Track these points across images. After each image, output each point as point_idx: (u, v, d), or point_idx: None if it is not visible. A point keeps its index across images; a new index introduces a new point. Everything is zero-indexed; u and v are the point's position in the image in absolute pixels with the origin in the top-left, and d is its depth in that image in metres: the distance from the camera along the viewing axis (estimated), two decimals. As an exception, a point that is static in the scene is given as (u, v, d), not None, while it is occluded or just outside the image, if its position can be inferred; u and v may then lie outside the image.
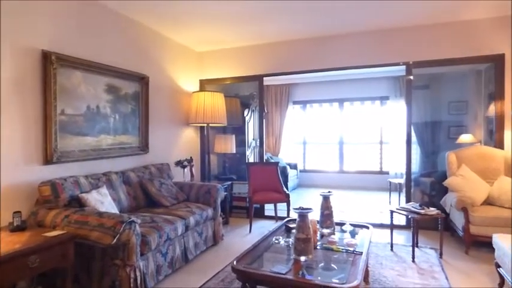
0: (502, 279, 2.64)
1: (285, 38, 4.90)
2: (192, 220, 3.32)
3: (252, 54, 5.20)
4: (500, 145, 4.06)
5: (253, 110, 6.10)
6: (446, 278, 2.91)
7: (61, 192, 2.70)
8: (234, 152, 5.71)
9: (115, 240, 2.31)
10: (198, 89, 5.41)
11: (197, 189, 3.95)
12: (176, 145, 4.88)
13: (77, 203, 2.77)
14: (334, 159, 8.33)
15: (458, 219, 3.68)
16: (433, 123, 7.03)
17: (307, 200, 6.62)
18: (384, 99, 7.68)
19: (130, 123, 3.91)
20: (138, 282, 2.46)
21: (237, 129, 5.98)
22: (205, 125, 4.88)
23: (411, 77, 4.53)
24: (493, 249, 2.69)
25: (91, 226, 2.42)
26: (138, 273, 2.47)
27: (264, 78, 5.28)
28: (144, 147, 4.10)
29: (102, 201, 2.82)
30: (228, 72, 5.36)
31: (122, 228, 2.34)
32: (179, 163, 4.47)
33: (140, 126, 4.05)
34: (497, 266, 2.67)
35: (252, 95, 6.01)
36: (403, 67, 4.52)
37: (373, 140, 8.00)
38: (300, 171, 8.37)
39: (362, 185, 7.83)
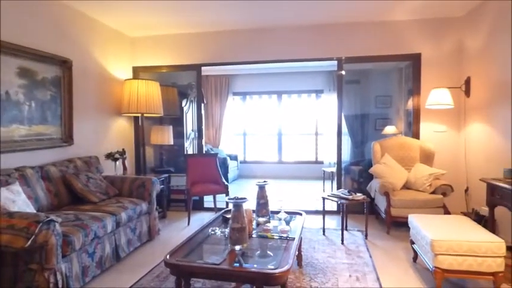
0: (416, 254, 2.97)
1: (224, 28, 4.83)
2: (124, 216, 3.13)
3: (189, 43, 5.03)
4: (416, 135, 4.53)
5: (192, 101, 5.95)
6: (370, 256, 3.19)
7: (-40, 191, 2.33)
8: (172, 143, 5.52)
9: (29, 242, 2.07)
10: (131, 76, 5.08)
11: (130, 183, 3.73)
12: (107, 136, 4.55)
13: (-18, 203, 2.42)
14: (273, 150, 8.55)
15: (381, 203, 4.04)
16: (362, 115, 7.60)
17: (247, 190, 6.70)
18: (319, 92, 8.07)
19: (50, 111, 3.52)
20: (60, 286, 2.25)
21: (175, 120, 5.78)
22: (139, 115, 4.61)
23: (343, 72, 4.80)
24: (410, 228, 3.01)
25: (-1, 228, 2.13)
26: (59, 277, 2.25)
27: (203, 68, 5.17)
28: (67, 138, 3.73)
29: (14, 199, 2.50)
30: (164, 60, 5.12)
31: (37, 229, 2.09)
32: (110, 156, 4.18)
33: (62, 115, 3.67)
34: (412, 242, 3.00)
35: (191, 85, 5.85)
36: (336, 62, 4.76)
37: (309, 132, 8.38)
38: (241, 162, 8.44)
39: (299, 174, 8.18)
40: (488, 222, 3.13)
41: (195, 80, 5.23)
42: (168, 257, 2.10)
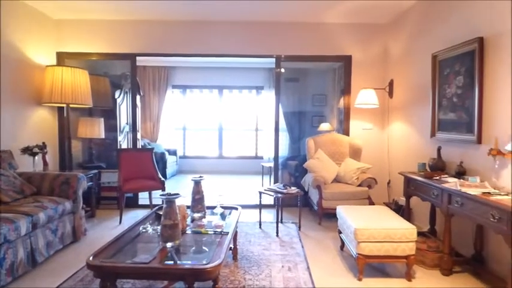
0: (343, 242, 3.18)
1: (162, 17, 4.62)
2: (42, 216, 2.83)
3: (124, 30, 4.72)
4: (347, 132, 4.85)
5: (127, 92, 5.59)
6: (302, 246, 3.34)
7: None
8: (103, 137, 5.14)
9: None
10: (54, 62, 4.60)
11: (51, 180, 3.39)
12: (23, 128, 4.05)
13: None
14: (214, 145, 8.48)
15: (314, 196, 4.25)
16: (300, 112, 7.91)
17: (186, 185, 6.55)
18: (259, 88, 8.19)
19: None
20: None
21: (107, 112, 5.39)
22: (64, 105, 4.21)
23: (282, 70, 4.93)
24: (338, 219, 3.21)
25: None
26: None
27: (139, 58, 4.90)
28: (-27, 130, 3.25)
29: None
30: (94, 47, 4.73)
31: None
32: (27, 150, 3.74)
33: (-34, 103, 3.19)
34: (339, 232, 3.21)
35: (125, 75, 5.50)
36: (275, 60, 4.86)
37: (249, 127, 8.47)
38: (180, 157, 8.22)
39: (240, 169, 8.24)
40: (405, 211, 3.48)
41: (130, 70, 4.93)
42: (91, 258, 1.95)
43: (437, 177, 2.90)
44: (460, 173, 2.89)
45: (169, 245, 2.17)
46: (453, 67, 3.12)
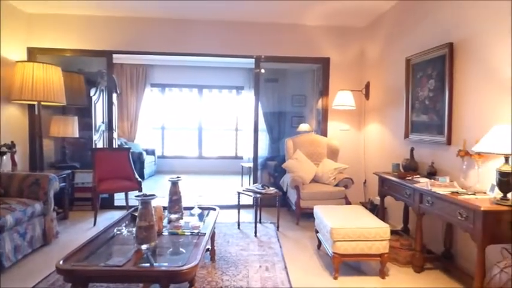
0: (319, 242, 3.22)
1: (140, 14, 4.53)
2: (9, 219, 2.70)
3: (100, 26, 4.59)
4: (325, 133, 4.92)
5: (103, 90, 5.44)
6: (280, 246, 3.36)
7: None
8: (77, 136, 4.99)
9: None
10: (25, 58, 4.41)
11: (20, 180, 3.25)
12: (-9, 127, 3.87)
13: None
14: (193, 145, 8.39)
15: (292, 196, 4.29)
16: (279, 113, 7.97)
17: (164, 186, 6.44)
18: (239, 88, 8.18)
19: None
20: None
21: (82, 111, 5.23)
22: (35, 103, 4.05)
23: (263, 70, 4.94)
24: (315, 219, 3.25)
25: None
26: None
27: (116, 56, 4.78)
28: None
29: None
30: (68, 43, 4.57)
31: None
32: (-5, 149, 3.57)
33: None
34: (316, 231, 3.25)
35: (101, 73, 5.34)
36: (254, 60, 4.86)
37: (229, 127, 8.44)
38: (158, 157, 8.09)
39: (220, 169, 8.19)
40: (379, 211, 3.58)
41: (106, 67, 4.80)
42: (61, 262, 1.88)
43: (410, 177, 2.99)
44: (432, 173, 2.99)
45: (144, 247, 2.13)
46: (426, 71, 3.23)
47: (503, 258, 1.90)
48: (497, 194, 2.15)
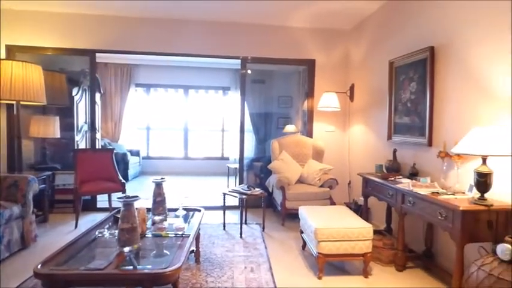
0: (304, 242, 3.24)
1: (123, 13, 4.46)
2: (-14, 221, 2.62)
3: (82, 25, 4.49)
4: (310, 134, 4.96)
5: (85, 89, 5.33)
6: (265, 247, 3.37)
7: None
8: (59, 136, 4.86)
9: None
10: (3, 56, 4.28)
11: (-3, 182, 3.15)
12: (-33, 126, 3.73)
13: None
14: (179, 145, 8.31)
15: (278, 197, 4.30)
16: (266, 114, 7.98)
17: (149, 188, 6.35)
18: (226, 89, 8.15)
19: None
20: None
21: (64, 110, 5.11)
22: (14, 102, 3.92)
23: (249, 71, 4.94)
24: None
25: None
26: None
27: (98, 55, 4.68)
28: None
29: None
30: (50, 41, 4.46)
31: None
32: (-30, 150, 3.44)
33: None
34: (301, 232, 3.27)
35: (84, 72, 5.24)
36: (240, 61, 4.86)
37: (215, 128, 8.41)
38: (143, 158, 7.98)
39: (206, 170, 8.14)
40: (363, 211, 3.63)
41: (89, 66, 4.70)
42: (39, 266, 1.83)
43: (393, 178, 3.05)
44: (413, 174, 3.06)
45: (127, 249, 2.10)
46: (408, 74, 3.30)
47: (480, 257, 1.96)
48: (475, 194, 2.22)
